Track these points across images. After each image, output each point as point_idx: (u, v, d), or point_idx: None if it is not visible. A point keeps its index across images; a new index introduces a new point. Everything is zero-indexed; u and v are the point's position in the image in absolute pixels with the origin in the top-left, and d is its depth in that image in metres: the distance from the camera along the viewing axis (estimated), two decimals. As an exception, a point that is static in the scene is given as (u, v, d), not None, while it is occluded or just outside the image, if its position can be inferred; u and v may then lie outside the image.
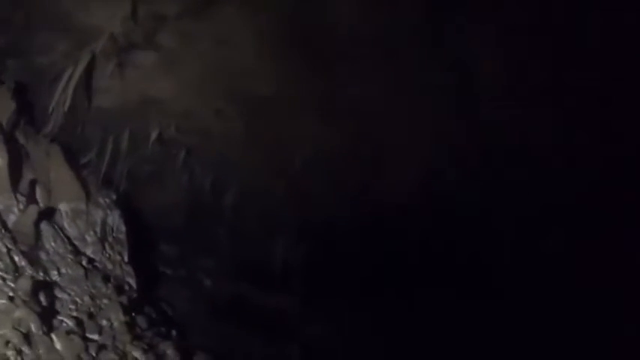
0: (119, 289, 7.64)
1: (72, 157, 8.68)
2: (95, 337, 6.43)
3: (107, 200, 8.66)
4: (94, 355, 6.04)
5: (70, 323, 6.35)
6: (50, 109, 8.01)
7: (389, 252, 10.33)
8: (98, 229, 8.32)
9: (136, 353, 6.49)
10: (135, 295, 8.13)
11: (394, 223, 9.99)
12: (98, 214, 8.41)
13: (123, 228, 8.70)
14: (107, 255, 8.25)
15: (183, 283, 10.39)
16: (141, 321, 7.33)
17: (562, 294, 9.26)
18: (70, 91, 7.76)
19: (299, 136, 8.13)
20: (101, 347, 6.22)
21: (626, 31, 6.47)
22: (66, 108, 7.85)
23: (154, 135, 8.60)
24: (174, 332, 8.09)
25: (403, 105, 8.00)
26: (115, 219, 8.59)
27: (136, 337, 6.78)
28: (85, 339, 6.26)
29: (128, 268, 8.44)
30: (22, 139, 8.16)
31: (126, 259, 8.51)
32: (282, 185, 9.18)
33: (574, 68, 7.02)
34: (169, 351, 6.96)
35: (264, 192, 9.46)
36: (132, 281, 8.36)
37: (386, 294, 9.94)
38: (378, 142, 8.30)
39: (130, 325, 6.94)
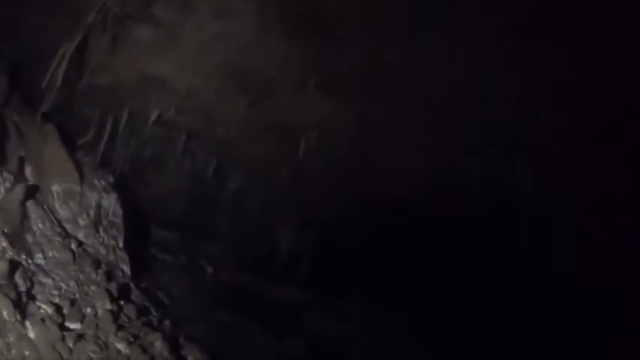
0: (110, 276, 6.93)
1: (68, 138, 8.02)
2: (75, 325, 5.72)
3: (103, 183, 7.96)
4: (70, 345, 5.33)
5: (49, 310, 5.64)
6: (43, 85, 7.33)
7: (395, 246, 9.55)
8: (92, 212, 7.62)
9: (120, 345, 5.77)
10: (127, 282, 7.43)
11: (401, 217, 9.22)
12: (93, 197, 7.70)
13: (119, 212, 7.99)
14: (100, 239, 7.54)
15: (183, 271, 9.69)
16: (130, 310, 6.59)
17: (562, 293, 8.69)
18: (64, 67, 7.08)
19: (304, 117, 7.33)
20: (80, 337, 5.50)
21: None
22: (59, 84, 7.16)
23: (153, 116, 7.89)
24: (167, 322, 7.35)
25: (411, 93, 7.19)
26: (111, 202, 7.88)
27: (121, 328, 6.06)
28: (63, 328, 5.57)
29: (122, 254, 7.73)
30: (15, 118, 7.51)
31: (121, 244, 7.81)
32: (286, 173, 8.41)
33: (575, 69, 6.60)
34: (157, 343, 6.22)
35: (268, 179, 8.71)
36: (125, 267, 7.65)
37: (392, 289, 9.15)
38: (386, 127, 7.49)
39: (117, 315, 6.23)
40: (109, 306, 6.22)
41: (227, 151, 8.28)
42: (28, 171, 7.16)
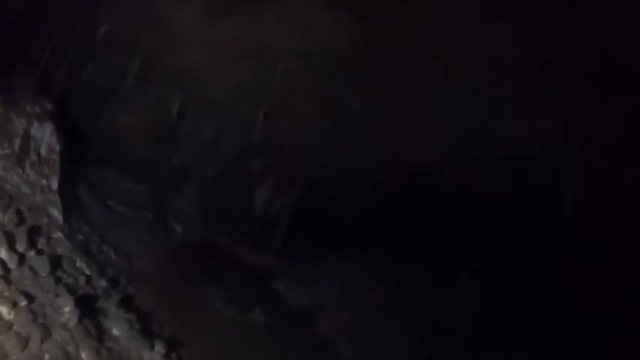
0: (23, 218, 5.13)
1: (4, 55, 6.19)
2: None
3: (37, 109, 6.07)
4: None
5: None
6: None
7: (392, 215, 7.60)
8: (17, 142, 5.79)
9: (1, 307, 3.97)
10: (50, 229, 5.60)
11: (409, 183, 7.23)
12: (21, 124, 5.84)
13: (56, 147, 6.11)
14: (25, 175, 5.70)
15: (145, 227, 7.82)
16: (41, 263, 4.75)
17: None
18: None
19: (283, 36, 5.37)
20: None
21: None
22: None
23: (102, 29, 5.98)
24: (101, 283, 5.57)
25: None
26: (44, 134, 6.00)
27: (12, 284, 4.23)
28: None
29: (54, 197, 5.88)
30: None
31: (54, 185, 5.95)
32: (262, 115, 6.46)
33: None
34: (67, 308, 4.40)
35: (242, 123, 6.77)
36: (55, 212, 5.79)
37: (376, 261, 7.26)
38: (402, 52, 5.41)
39: (12, 268, 4.40)
40: (3, 255, 4.41)
41: (192, 82, 6.36)
42: None
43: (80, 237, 6.24)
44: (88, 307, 4.65)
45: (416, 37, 5.56)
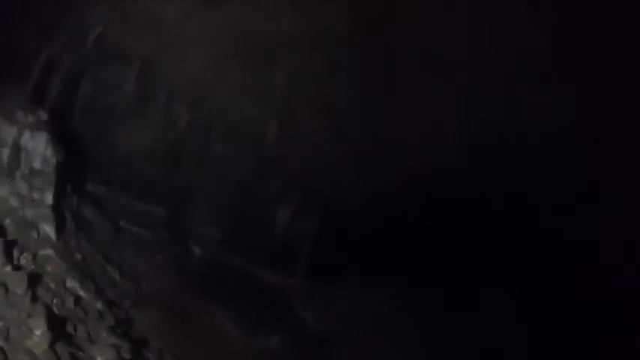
0: (4, 232, 4.57)
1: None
2: None
3: (30, 118, 5.60)
4: None
5: None
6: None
7: (411, 229, 7.00)
8: (6, 152, 5.32)
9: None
10: (43, 246, 5.01)
11: (428, 190, 6.71)
12: (10, 133, 5.39)
13: (52, 160, 5.56)
14: (13, 188, 5.20)
15: (160, 248, 7.21)
16: (16, 281, 4.14)
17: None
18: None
19: (280, 26, 4.76)
20: None
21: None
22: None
23: (94, 33, 5.53)
24: (97, 306, 4.91)
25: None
26: (37, 144, 5.47)
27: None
28: None
29: (47, 212, 5.32)
30: None
31: (48, 199, 5.40)
32: (274, 128, 5.83)
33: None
34: (38, 332, 3.70)
35: (252, 136, 6.15)
36: (48, 229, 5.22)
37: (403, 285, 6.57)
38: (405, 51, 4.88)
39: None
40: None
41: (194, 89, 5.76)
42: None
43: (78, 256, 5.61)
44: (66, 330, 3.99)
45: (416, 36, 5.20)
